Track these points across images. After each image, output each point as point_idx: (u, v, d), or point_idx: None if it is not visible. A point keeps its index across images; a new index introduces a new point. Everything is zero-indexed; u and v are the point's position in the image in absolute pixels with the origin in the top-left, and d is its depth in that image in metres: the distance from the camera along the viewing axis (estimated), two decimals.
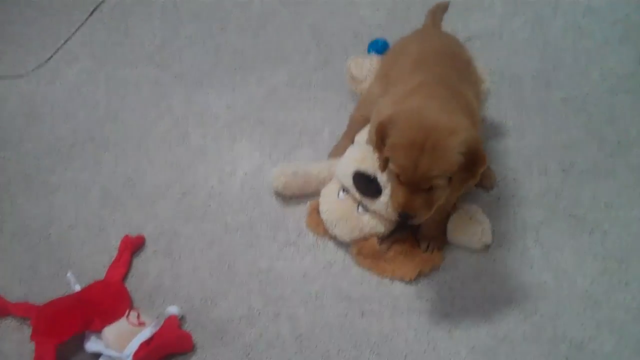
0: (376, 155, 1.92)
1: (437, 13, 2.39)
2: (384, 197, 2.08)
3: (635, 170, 2.32)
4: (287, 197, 2.36)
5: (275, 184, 2.33)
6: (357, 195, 2.15)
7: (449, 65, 2.04)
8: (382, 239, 2.18)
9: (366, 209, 2.16)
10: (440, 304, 2.08)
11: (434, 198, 1.79)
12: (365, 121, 2.25)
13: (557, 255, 2.15)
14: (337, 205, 2.20)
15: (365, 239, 2.16)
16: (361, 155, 2.16)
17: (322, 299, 2.12)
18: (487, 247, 2.16)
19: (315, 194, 2.32)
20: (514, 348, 1.97)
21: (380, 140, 1.82)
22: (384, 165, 1.87)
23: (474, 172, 1.77)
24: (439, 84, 1.92)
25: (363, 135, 2.25)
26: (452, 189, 1.81)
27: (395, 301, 2.10)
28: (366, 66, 2.50)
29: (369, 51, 2.67)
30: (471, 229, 2.14)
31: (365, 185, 2.13)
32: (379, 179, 2.10)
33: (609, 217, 2.22)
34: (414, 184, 1.75)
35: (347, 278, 2.16)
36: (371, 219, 2.15)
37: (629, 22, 2.77)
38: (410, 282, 2.12)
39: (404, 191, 1.77)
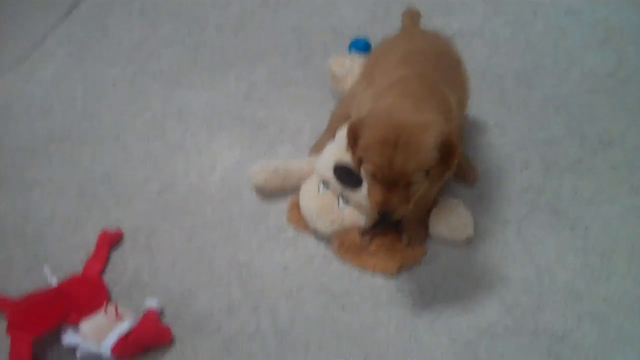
0: (350, 155, 1.91)
1: (414, 15, 2.39)
2: (365, 187, 2.06)
3: (616, 168, 2.31)
4: (268, 194, 2.34)
5: (255, 180, 2.31)
6: (338, 187, 2.14)
7: (431, 64, 2.02)
8: (364, 232, 2.17)
9: (347, 201, 2.15)
10: (421, 297, 2.06)
11: (412, 192, 1.78)
12: (346, 117, 2.23)
13: (539, 250, 2.14)
14: (317, 199, 2.18)
15: (346, 232, 2.14)
16: (340, 149, 2.15)
17: (303, 293, 2.10)
18: (469, 241, 2.15)
19: (296, 190, 2.29)
20: (495, 341, 1.96)
21: (352, 141, 1.82)
22: (358, 165, 1.86)
23: (449, 163, 1.77)
24: (416, 80, 1.90)
25: (344, 131, 2.23)
26: (430, 182, 1.80)
27: (376, 294, 2.08)
28: (347, 65, 2.49)
29: (350, 50, 2.66)
30: (453, 222, 2.12)
31: (346, 176, 2.12)
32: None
33: (590, 212, 2.21)
34: (391, 181, 1.74)
35: (328, 272, 2.15)
36: (352, 212, 2.14)
37: (608, 25, 2.77)
38: (391, 276, 2.10)
39: (381, 189, 1.76)
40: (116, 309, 1.99)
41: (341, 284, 2.11)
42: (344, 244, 2.14)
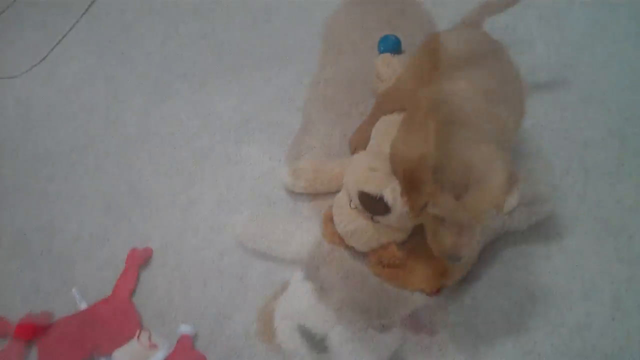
0: (409, 200, 1.76)
1: (485, 11, 2.29)
2: (394, 212, 1.97)
3: None
4: (298, 191, 2.29)
5: (286, 179, 2.27)
6: (366, 212, 2.05)
7: (490, 81, 1.90)
8: (402, 244, 2.09)
9: (377, 222, 2.06)
10: (463, 315, 2.01)
11: (479, 232, 1.72)
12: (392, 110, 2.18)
13: (582, 261, 2.07)
14: (350, 217, 2.09)
15: (383, 247, 2.07)
16: (364, 175, 2.02)
17: (340, 314, 2.04)
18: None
19: (328, 192, 2.25)
20: None
21: (411, 186, 1.70)
22: (420, 210, 1.72)
23: (512, 194, 1.69)
24: (469, 102, 1.80)
25: (380, 135, 2.15)
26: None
27: (416, 313, 2.02)
28: (394, 66, 2.44)
29: (379, 47, 2.59)
30: None
31: (372, 205, 2.00)
32: (385, 198, 1.96)
33: (634, 220, 2.14)
34: (460, 224, 1.67)
35: (365, 290, 2.08)
36: (387, 230, 2.06)
37: None
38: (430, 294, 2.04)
39: (449, 234, 1.69)
40: (149, 338, 1.94)
41: (379, 303, 2.04)
42: (382, 259, 2.06)
